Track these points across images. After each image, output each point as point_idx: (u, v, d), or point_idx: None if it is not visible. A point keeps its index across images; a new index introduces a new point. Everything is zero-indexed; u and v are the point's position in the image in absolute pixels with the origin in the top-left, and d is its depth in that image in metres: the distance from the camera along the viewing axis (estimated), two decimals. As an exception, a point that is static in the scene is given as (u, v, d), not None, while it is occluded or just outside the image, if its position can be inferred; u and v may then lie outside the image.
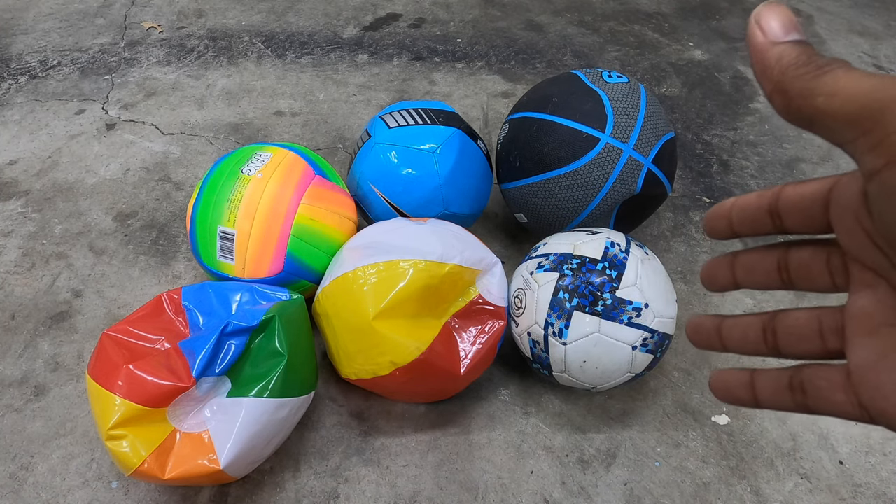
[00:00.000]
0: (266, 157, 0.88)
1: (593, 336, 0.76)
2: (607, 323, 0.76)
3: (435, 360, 0.77)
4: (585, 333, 0.76)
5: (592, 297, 0.76)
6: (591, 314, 0.76)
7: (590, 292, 0.76)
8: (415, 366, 0.76)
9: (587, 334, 0.76)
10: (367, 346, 0.78)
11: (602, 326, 0.76)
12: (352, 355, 0.80)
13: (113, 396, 0.67)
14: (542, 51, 1.64)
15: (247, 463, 0.71)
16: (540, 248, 0.86)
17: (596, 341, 0.76)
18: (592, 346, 0.76)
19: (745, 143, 1.38)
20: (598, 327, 0.76)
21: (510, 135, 0.98)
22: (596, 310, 0.76)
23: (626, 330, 0.76)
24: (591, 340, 0.76)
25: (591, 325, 0.76)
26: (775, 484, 0.81)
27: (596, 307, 0.76)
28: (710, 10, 1.88)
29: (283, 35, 1.65)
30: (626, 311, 0.76)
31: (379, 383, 0.81)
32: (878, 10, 1.92)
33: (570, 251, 0.80)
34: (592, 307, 0.76)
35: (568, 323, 0.77)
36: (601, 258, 0.78)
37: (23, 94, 1.41)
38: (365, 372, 0.80)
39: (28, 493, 0.77)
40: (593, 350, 0.76)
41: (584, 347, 0.77)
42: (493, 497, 0.78)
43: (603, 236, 0.82)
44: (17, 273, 1.03)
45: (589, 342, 0.76)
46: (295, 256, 0.86)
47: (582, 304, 0.76)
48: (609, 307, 0.76)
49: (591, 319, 0.76)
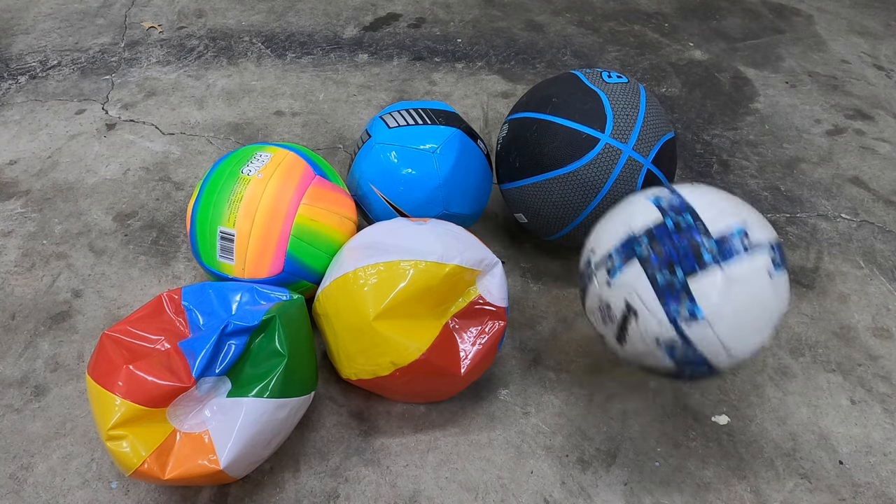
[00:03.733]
0: (266, 158, 0.89)
1: (724, 289, 0.62)
2: (728, 266, 0.62)
3: (435, 360, 0.77)
4: (716, 292, 0.62)
5: (693, 255, 0.63)
6: (706, 272, 0.62)
7: (686, 252, 0.63)
8: (415, 366, 0.77)
9: (718, 291, 0.62)
10: (368, 346, 0.78)
11: (726, 272, 0.62)
12: (352, 355, 0.80)
13: (113, 396, 0.67)
14: (542, 51, 1.64)
15: (247, 463, 0.71)
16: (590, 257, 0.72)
17: (730, 293, 0.62)
18: (731, 300, 0.62)
19: (745, 143, 1.38)
20: (723, 276, 0.62)
21: (510, 135, 0.98)
22: (706, 263, 0.62)
23: (752, 263, 0.63)
24: (726, 295, 0.62)
25: (713, 280, 0.62)
26: (775, 484, 0.81)
27: (704, 260, 0.62)
28: (710, 10, 1.88)
29: (283, 35, 1.65)
30: (734, 240, 0.63)
31: (379, 383, 0.81)
32: (878, 10, 1.92)
33: (628, 232, 0.67)
34: (701, 263, 0.62)
35: (692, 296, 0.63)
36: (662, 214, 0.65)
37: (23, 94, 1.41)
38: (365, 372, 0.80)
39: (28, 493, 0.77)
40: (735, 302, 0.63)
41: (725, 308, 0.62)
42: (493, 497, 0.78)
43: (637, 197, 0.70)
44: (17, 273, 1.03)
45: (724, 299, 0.62)
46: (295, 257, 0.86)
47: (689, 268, 0.63)
48: (716, 252, 0.62)
49: (710, 275, 0.62)
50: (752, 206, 1.08)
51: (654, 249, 0.64)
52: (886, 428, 0.88)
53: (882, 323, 1.02)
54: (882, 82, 1.59)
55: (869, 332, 1.00)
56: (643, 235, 0.66)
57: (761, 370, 0.94)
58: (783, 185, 1.27)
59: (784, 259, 0.66)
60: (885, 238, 1.17)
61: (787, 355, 0.96)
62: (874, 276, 1.09)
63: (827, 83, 1.58)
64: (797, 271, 1.10)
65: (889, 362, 0.96)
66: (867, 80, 1.60)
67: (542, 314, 1.00)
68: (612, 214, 0.73)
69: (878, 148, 1.38)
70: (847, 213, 1.22)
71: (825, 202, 1.24)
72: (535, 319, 0.99)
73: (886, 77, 1.61)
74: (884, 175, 1.31)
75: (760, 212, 1.20)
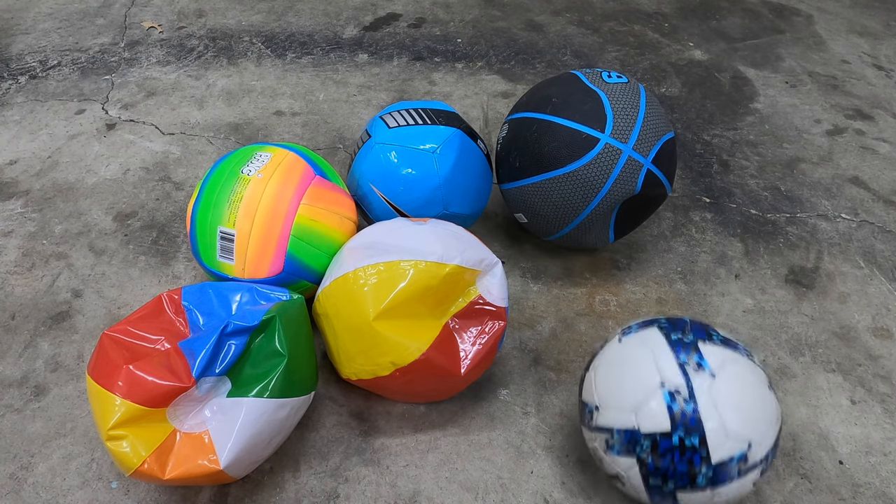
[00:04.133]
0: (266, 158, 0.88)
1: (709, 501, 0.66)
2: (719, 489, 0.65)
3: (435, 360, 0.77)
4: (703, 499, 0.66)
5: (688, 477, 0.65)
6: (696, 490, 0.65)
7: (682, 473, 0.65)
8: (415, 366, 0.76)
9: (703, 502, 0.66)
10: (368, 346, 0.78)
11: (716, 492, 0.65)
12: (352, 356, 0.80)
13: (113, 396, 0.67)
14: (542, 51, 1.64)
15: (247, 463, 0.71)
16: (593, 411, 0.72)
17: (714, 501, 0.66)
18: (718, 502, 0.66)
19: (745, 143, 1.38)
20: (711, 494, 0.66)
21: (510, 135, 0.98)
22: (699, 485, 0.65)
23: (740, 482, 0.66)
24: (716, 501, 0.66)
25: (701, 497, 0.66)
26: (775, 484, 0.81)
27: (697, 483, 0.65)
28: (710, 10, 1.88)
29: (283, 35, 1.65)
30: (731, 467, 0.65)
31: (379, 383, 0.81)
32: (878, 10, 1.92)
33: (634, 426, 0.67)
34: (693, 484, 0.65)
35: (678, 502, 0.67)
36: (671, 427, 0.65)
37: (23, 94, 1.41)
38: (365, 372, 0.80)
39: (28, 493, 0.77)
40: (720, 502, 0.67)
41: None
42: (493, 497, 0.78)
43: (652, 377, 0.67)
44: (17, 273, 1.03)
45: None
46: (295, 257, 0.86)
47: (681, 485, 0.66)
48: (711, 477, 0.65)
49: (699, 493, 0.66)
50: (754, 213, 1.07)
51: (654, 458, 0.66)
52: (886, 428, 0.88)
53: (882, 323, 1.02)
54: (882, 82, 1.59)
55: (869, 332, 1.00)
56: (647, 440, 0.66)
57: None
58: (783, 185, 1.27)
59: (776, 449, 0.69)
60: (885, 238, 1.17)
61: (787, 355, 0.96)
62: (874, 276, 1.09)
63: (827, 83, 1.58)
64: (797, 271, 1.10)
65: (889, 362, 0.96)
66: (867, 80, 1.60)
67: (542, 314, 1.00)
68: (623, 378, 0.70)
69: (878, 148, 1.38)
70: (847, 213, 1.22)
71: (825, 202, 1.24)
72: (535, 319, 1.00)
73: (886, 77, 1.61)
74: (884, 175, 1.31)
75: (760, 212, 1.20)
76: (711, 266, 1.10)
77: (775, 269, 1.10)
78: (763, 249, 1.13)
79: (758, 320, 1.01)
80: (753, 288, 1.06)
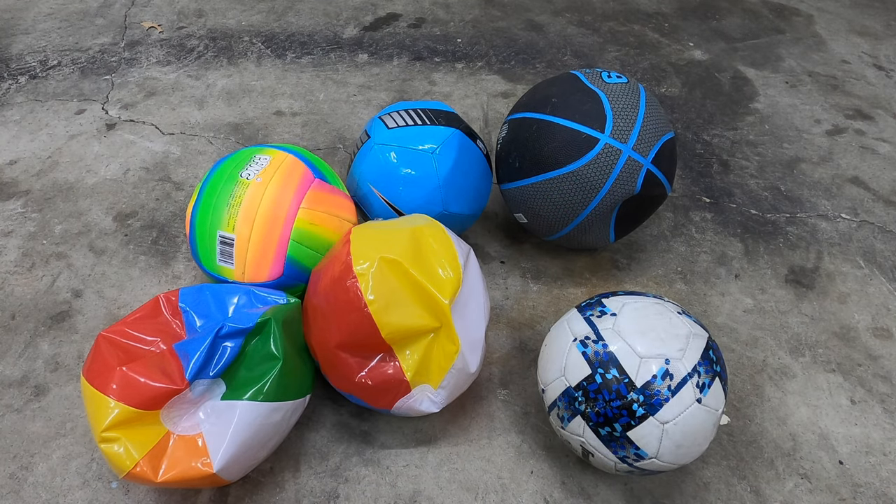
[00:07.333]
0: (265, 161, 0.88)
1: (661, 434, 0.67)
2: (663, 415, 0.67)
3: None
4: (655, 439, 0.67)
5: (626, 410, 0.67)
6: (641, 422, 0.67)
7: (619, 408, 0.67)
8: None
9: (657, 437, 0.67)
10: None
11: (659, 419, 0.67)
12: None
13: (106, 398, 0.67)
14: (542, 51, 1.64)
15: (241, 467, 0.71)
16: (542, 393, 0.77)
17: (668, 435, 0.67)
18: (671, 439, 0.67)
19: (745, 143, 1.38)
20: (657, 423, 0.67)
21: (510, 135, 0.98)
22: (639, 415, 0.67)
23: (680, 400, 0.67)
24: (665, 437, 0.67)
25: (650, 430, 0.67)
26: (775, 484, 0.81)
27: (636, 413, 0.67)
28: (710, 10, 1.88)
29: (283, 35, 1.65)
30: (659, 385, 0.66)
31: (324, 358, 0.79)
32: (878, 10, 1.92)
33: (566, 384, 0.72)
34: (634, 417, 0.67)
35: (634, 444, 0.68)
36: (591, 369, 0.70)
37: (23, 94, 1.41)
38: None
39: (28, 493, 0.77)
40: (675, 438, 0.67)
41: (666, 445, 0.68)
42: (493, 497, 0.78)
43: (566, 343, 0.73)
44: (17, 273, 1.03)
45: (664, 441, 0.67)
46: (295, 261, 0.86)
47: (625, 422, 0.67)
48: (644, 401, 0.67)
49: (646, 425, 0.67)
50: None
51: (590, 406, 0.69)
52: (886, 428, 0.88)
53: (882, 323, 1.02)
54: (882, 82, 1.59)
55: (869, 332, 1.00)
56: (578, 391, 0.70)
57: (761, 370, 0.94)
58: (783, 185, 1.27)
59: (712, 364, 0.70)
60: (885, 238, 1.17)
61: (787, 355, 0.96)
62: (874, 276, 1.09)
63: (827, 83, 1.58)
64: (797, 271, 1.10)
65: (889, 362, 0.96)
66: (867, 80, 1.59)
67: (542, 314, 1.00)
68: (550, 351, 0.76)
69: (878, 148, 1.38)
70: (847, 213, 1.22)
71: (825, 202, 1.24)
72: (535, 319, 0.99)
73: (886, 77, 1.61)
74: (884, 175, 1.31)
75: (760, 212, 1.20)
76: (711, 266, 1.10)
77: (775, 269, 1.10)
78: (763, 249, 1.13)
79: (758, 320, 1.01)
80: (753, 288, 1.06)
